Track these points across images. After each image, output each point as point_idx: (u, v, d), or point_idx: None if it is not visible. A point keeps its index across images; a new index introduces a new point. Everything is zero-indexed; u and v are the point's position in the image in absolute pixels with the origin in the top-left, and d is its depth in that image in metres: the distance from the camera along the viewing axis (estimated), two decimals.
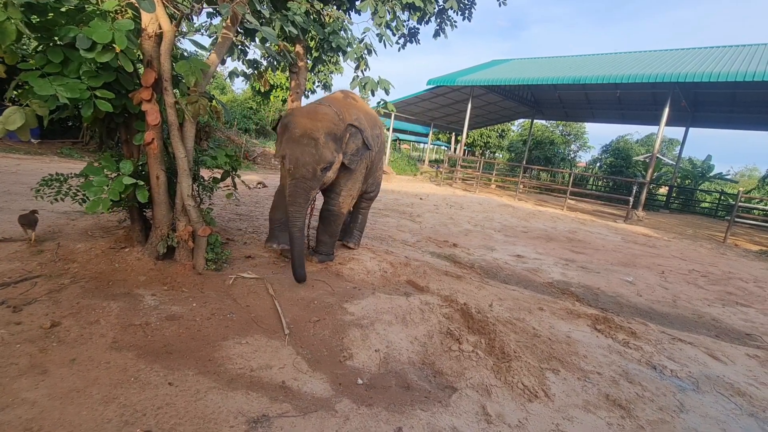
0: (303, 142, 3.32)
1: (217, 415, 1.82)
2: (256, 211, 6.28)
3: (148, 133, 2.90)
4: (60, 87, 2.44)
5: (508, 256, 5.83)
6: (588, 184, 23.82)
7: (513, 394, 2.33)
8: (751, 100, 15.94)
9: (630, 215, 12.47)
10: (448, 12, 5.60)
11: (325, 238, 4.02)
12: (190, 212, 3.12)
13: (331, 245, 4.08)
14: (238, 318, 2.72)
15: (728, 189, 20.94)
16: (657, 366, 2.90)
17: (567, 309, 3.80)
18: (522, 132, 32.70)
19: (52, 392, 1.81)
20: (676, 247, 8.66)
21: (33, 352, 2.05)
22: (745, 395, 2.66)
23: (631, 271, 5.86)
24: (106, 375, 1.98)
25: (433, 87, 18.64)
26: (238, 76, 4.69)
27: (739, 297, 5.21)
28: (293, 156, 3.32)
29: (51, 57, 2.52)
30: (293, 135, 3.33)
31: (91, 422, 1.67)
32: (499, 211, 10.78)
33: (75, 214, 4.38)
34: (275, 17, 3.34)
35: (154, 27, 2.79)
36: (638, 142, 28.31)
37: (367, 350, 2.59)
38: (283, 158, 3.38)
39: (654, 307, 4.38)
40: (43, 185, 3.24)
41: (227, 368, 2.18)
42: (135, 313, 2.55)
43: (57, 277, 2.84)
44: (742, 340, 3.74)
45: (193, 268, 3.25)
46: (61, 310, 2.45)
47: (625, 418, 2.24)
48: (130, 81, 2.93)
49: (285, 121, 3.49)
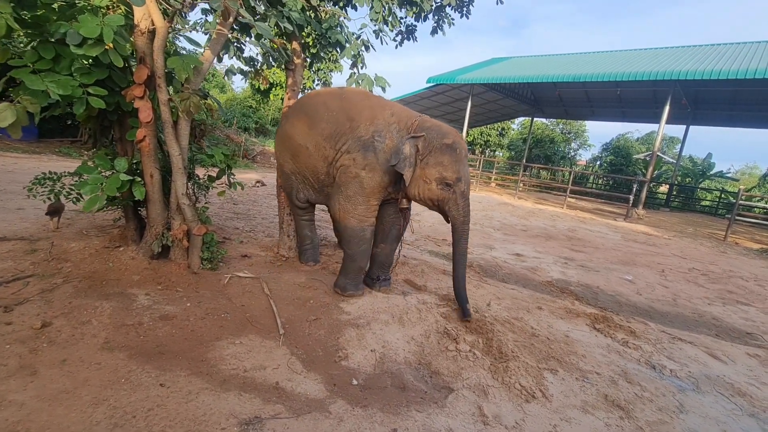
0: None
1: (209, 417, 1.79)
2: (253, 210, 6.25)
3: (140, 131, 2.87)
4: (51, 83, 2.41)
5: (507, 254, 5.80)
6: (588, 183, 23.77)
7: (510, 394, 2.30)
8: (753, 98, 15.87)
9: (630, 213, 12.42)
10: (445, 9, 5.56)
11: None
12: (185, 211, 3.08)
13: None
14: (233, 318, 2.69)
15: (729, 187, 20.88)
16: (656, 366, 2.87)
17: (566, 308, 3.77)
18: (522, 130, 32.61)
19: (40, 394, 1.78)
20: (677, 245, 8.63)
21: (23, 353, 2.02)
22: (745, 395, 2.63)
23: (630, 270, 5.83)
24: (96, 376, 1.95)
25: (433, 85, 18.56)
26: (234, 73, 4.64)
27: (740, 296, 5.18)
28: (467, 176, 3.22)
29: (42, 53, 2.48)
30: (465, 154, 3.21)
31: (80, 424, 1.64)
32: (498, 210, 10.74)
33: (69, 213, 4.34)
34: (270, 13, 3.30)
35: (146, 23, 2.75)
36: (638, 140, 28.23)
37: (362, 350, 2.56)
38: (459, 180, 3.12)
39: (654, 306, 4.35)
40: (36, 184, 3.21)
41: (220, 369, 2.15)
42: (128, 313, 2.52)
43: (50, 276, 2.81)
44: (742, 339, 3.71)
45: (188, 268, 3.22)
46: (53, 310, 2.42)
47: (623, 419, 2.21)
48: (123, 78, 2.90)
49: (451, 141, 3.12)
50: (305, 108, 3.55)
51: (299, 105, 3.69)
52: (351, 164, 3.21)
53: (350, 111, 3.29)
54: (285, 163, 3.72)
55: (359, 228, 3.28)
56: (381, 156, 3.18)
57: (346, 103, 3.35)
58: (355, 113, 3.27)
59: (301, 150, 3.47)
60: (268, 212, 6.24)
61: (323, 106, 3.39)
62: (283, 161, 3.75)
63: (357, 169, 3.20)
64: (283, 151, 3.71)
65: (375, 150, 3.19)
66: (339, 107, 3.34)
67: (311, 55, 5.04)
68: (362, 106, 3.31)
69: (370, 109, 3.29)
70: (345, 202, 3.24)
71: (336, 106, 3.35)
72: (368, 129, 3.22)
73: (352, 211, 3.25)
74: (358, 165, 3.19)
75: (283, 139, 3.67)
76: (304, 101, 3.69)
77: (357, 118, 3.26)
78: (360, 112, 3.27)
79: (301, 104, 3.68)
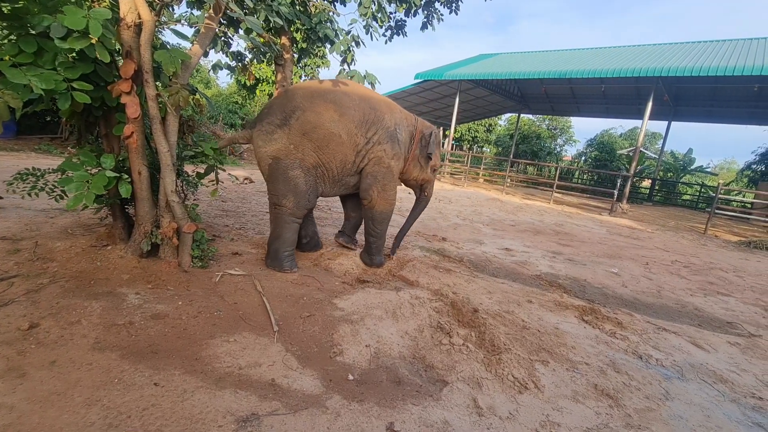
0: None
1: (205, 415, 1.78)
2: (243, 207, 6.18)
3: (128, 127, 2.81)
4: (34, 77, 2.34)
5: (496, 249, 5.87)
6: (574, 178, 24.14)
7: (503, 386, 2.34)
8: (731, 95, 16.33)
9: (614, 208, 12.68)
10: (435, 4, 5.57)
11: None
12: (175, 208, 3.04)
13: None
14: (226, 315, 2.67)
15: (708, 181, 21.52)
16: (643, 355, 2.95)
17: (555, 301, 3.84)
18: (509, 126, 32.90)
19: (30, 396, 1.74)
20: (660, 238, 8.84)
21: (10, 355, 1.97)
22: (727, 382, 2.72)
23: (616, 263, 5.96)
24: (88, 377, 1.91)
25: (421, 81, 18.59)
26: (221, 68, 4.59)
27: (720, 287, 5.34)
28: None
29: (23, 47, 2.41)
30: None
31: (73, 426, 1.62)
32: (487, 205, 10.85)
33: (53, 212, 4.24)
34: (260, 7, 3.26)
35: (133, 16, 2.68)
36: (622, 135, 28.76)
37: (357, 346, 2.57)
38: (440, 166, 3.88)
39: (639, 298, 4.46)
40: (17, 179, 3.12)
41: (215, 367, 2.14)
42: (118, 312, 2.48)
43: (35, 276, 2.74)
44: (723, 328, 3.83)
45: (179, 266, 3.18)
46: (40, 311, 2.36)
47: (613, 407, 2.27)
48: (108, 73, 2.84)
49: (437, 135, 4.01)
50: (327, 96, 3.41)
51: (314, 93, 3.41)
52: (383, 155, 3.66)
53: (370, 100, 3.60)
54: (306, 158, 3.42)
55: (389, 211, 3.91)
56: (402, 147, 3.80)
57: (362, 91, 3.61)
58: (375, 103, 3.62)
59: (332, 138, 3.41)
60: (257, 209, 6.18)
61: (344, 94, 3.48)
62: (302, 156, 3.41)
63: (388, 159, 3.69)
64: (302, 144, 3.38)
65: (399, 141, 3.75)
66: (358, 95, 3.55)
67: (299, 50, 5.00)
68: (376, 98, 3.68)
69: (385, 103, 3.74)
70: (382, 191, 3.75)
71: (354, 93, 3.55)
72: (391, 120, 3.68)
73: (386, 197, 3.80)
74: (389, 155, 3.69)
75: (306, 131, 3.36)
76: (315, 90, 3.44)
77: (378, 107, 3.61)
78: (378, 102, 3.64)
79: (314, 92, 3.42)
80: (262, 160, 3.50)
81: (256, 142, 3.47)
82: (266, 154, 3.45)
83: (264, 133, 3.42)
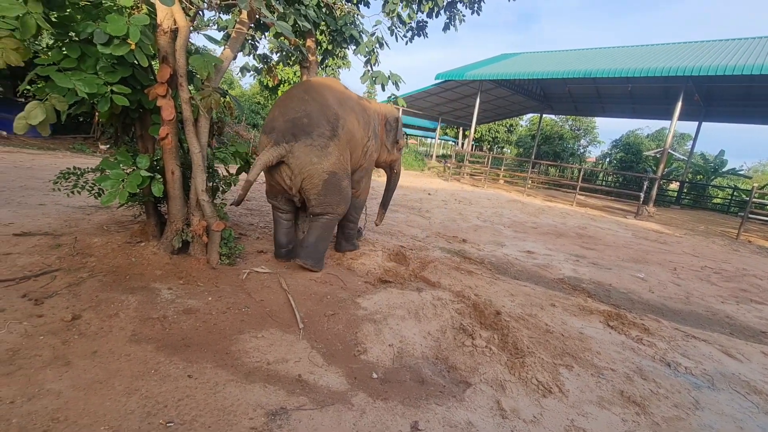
0: None
1: (236, 408, 1.85)
2: (267, 206, 6.31)
3: (163, 128, 2.93)
4: (78, 81, 2.47)
5: (518, 251, 5.81)
6: (598, 180, 23.58)
7: (527, 389, 2.33)
8: (767, 94, 15.60)
9: (640, 211, 12.32)
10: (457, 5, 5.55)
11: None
12: (205, 207, 3.14)
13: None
14: (253, 312, 2.75)
15: (741, 184, 20.61)
16: (671, 363, 2.88)
17: (579, 305, 3.79)
18: (530, 127, 32.40)
19: (75, 383, 1.85)
20: (688, 243, 8.56)
21: (56, 344, 2.09)
22: (761, 393, 2.63)
23: (642, 268, 5.81)
24: (127, 367, 2.01)
25: (442, 81, 18.51)
26: (249, 71, 4.70)
27: (754, 294, 5.14)
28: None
29: (68, 52, 2.55)
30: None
31: (115, 413, 1.71)
32: (507, 207, 10.72)
33: (90, 209, 4.44)
34: (288, 12, 3.33)
35: (169, 22, 2.80)
36: (649, 136, 27.91)
37: (380, 345, 2.61)
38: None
39: (666, 304, 4.34)
40: (60, 178, 3.29)
41: (244, 361, 2.21)
42: (153, 306, 2.59)
43: (75, 270, 2.89)
44: (757, 337, 3.69)
45: (208, 263, 3.29)
46: (81, 303, 2.49)
47: (639, 415, 2.23)
48: (145, 77, 2.96)
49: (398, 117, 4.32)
50: (347, 103, 3.58)
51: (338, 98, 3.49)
52: (372, 150, 3.95)
53: (360, 100, 3.84)
54: (347, 166, 3.58)
55: (366, 197, 4.20)
56: (378, 137, 4.04)
57: (348, 92, 3.78)
58: (364, 102, 3.89)
59: (358, 144, 3.68)
60: None
61: (349, 98, 3.65)
62: (347, 165, 3.54)
63: (374, 152, 3.99)
64: (346, 153, 3.48)
65: (377, 134, 3.99)
66: (352, 98, 3.73)
67: (323, 51, 5.07)
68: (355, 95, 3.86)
69: (364, 99, 3.99)
70: (367, 181, 4.05)
71: (349, 96, 3.72)
72: (374, 116, 3.95)
73: (367, 187, 4.10)
74: (375, 149, 3.98)
75: (348, 140, 3.48)
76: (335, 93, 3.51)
77: (365, 105, 3.85)
78: (360, 99, 3.86)
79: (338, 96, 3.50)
80: (315, 175, 3.25)
81: (308, 159, 3.20)
82: (322, 170, 3.26)
83: (317, 148, 3.21)
